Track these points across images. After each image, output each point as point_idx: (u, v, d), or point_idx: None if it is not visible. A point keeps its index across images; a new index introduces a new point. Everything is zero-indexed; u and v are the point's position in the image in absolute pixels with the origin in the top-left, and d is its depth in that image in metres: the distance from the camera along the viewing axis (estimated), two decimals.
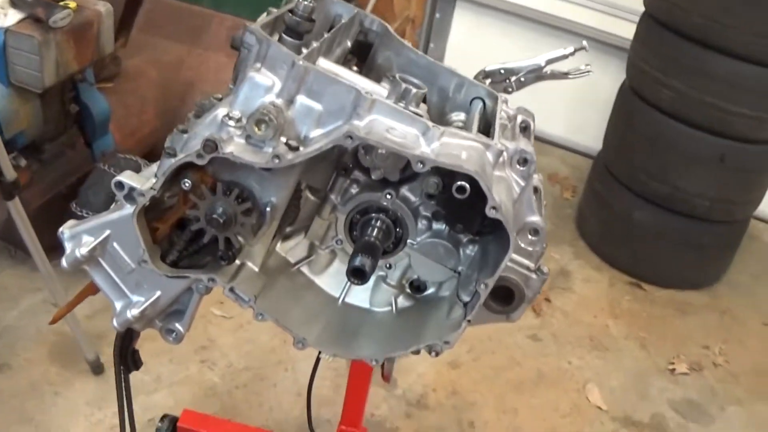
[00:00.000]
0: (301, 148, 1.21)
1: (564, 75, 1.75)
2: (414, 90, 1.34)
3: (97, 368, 3.00)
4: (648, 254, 4.21)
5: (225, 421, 2.80)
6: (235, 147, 1.19)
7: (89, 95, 3.42)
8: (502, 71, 1.72)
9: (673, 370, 3.65)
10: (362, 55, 1.66)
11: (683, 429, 3.34)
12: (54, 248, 2.82)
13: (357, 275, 1.26)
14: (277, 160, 1.19)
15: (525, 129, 1.44)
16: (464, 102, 1.56)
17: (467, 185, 1.20)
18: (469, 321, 1.30)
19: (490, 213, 1.20)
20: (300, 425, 3.00)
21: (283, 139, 1.21)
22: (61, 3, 2.91)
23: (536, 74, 1.75)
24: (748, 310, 4.23)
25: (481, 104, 1.53)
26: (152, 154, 3.65)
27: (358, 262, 1.26)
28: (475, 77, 1.66)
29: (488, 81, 1.70)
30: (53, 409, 2.86)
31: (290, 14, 1.33)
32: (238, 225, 1.27)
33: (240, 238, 1.31)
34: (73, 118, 3.40)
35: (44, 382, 2.95)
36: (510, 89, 1.72)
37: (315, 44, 1.37)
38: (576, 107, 5.26)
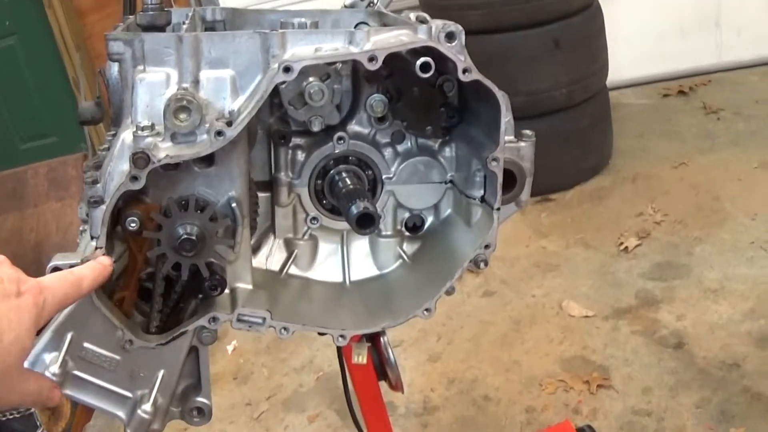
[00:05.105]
0: (235, 120, 1.02)
1: None
2: (305, 20, 1.18)
3: None
4: (538, 167, 4.16)
5: None
6: (166, 150, 0.99)
7: None
8: None
9: (626, 248, 3.64)
10: None
11: (670, 289, 3.32)
12: None
13: (365, 222, 1.07)
14: (221, 137, 0.99)
15: (424, 21, 1.32)
16: None
17: (430, 60, 1.06)
18: (498, 209, 1.14)
19: (464, 77, 1.06)
20: None
21: (212, 120, 1.02)
22: None
23: None
24: (651, 165, 4.33)
25: (367, 27, 1.40)
26: None
27: (358, 208, 1.07)
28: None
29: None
30: None
31: (141, 14, 1.14)
32: (212, 237, 1.06)
33: (219, 253, 1.10)
34: None
35: None
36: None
37: (184, 26, 1.19)
38: None
